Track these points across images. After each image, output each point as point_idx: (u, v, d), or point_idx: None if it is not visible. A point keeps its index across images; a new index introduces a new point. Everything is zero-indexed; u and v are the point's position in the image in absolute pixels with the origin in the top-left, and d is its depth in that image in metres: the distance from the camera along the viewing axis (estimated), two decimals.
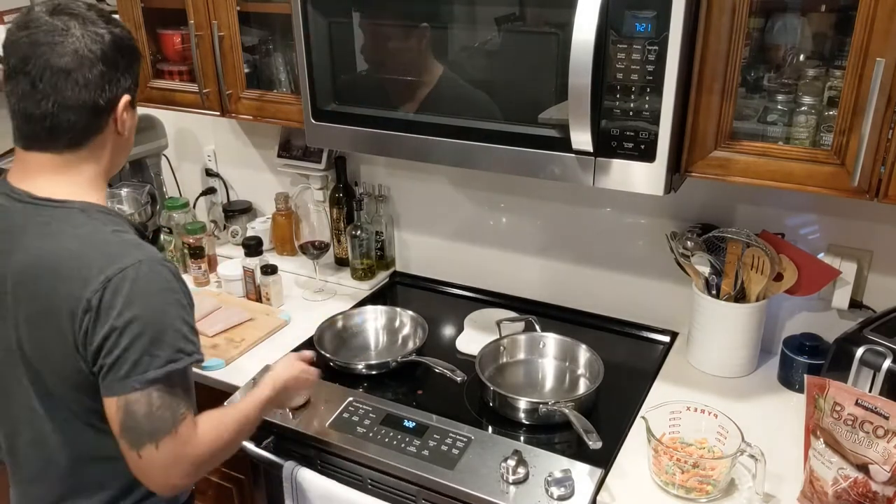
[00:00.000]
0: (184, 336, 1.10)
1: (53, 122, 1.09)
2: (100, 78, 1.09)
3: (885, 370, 1.29)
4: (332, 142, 1.62)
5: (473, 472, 1.34)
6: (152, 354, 1.06)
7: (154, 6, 1.85)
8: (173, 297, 1.10)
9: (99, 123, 1.13)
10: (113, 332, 1.05)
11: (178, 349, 1.09)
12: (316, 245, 1.97)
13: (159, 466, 1.09)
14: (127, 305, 1.05)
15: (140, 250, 1.10)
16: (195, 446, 1.11)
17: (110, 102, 1.12)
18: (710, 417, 1.34)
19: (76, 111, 1.09)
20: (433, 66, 1.43)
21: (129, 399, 1.06)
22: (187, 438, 1.10)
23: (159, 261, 1.10)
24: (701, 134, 1.29)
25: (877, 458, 1.14)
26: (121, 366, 1.06)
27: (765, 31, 1.34)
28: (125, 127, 1.16)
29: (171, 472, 1.10)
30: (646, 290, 1.80)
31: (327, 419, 1.50)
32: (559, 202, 1.83)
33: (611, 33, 1.21)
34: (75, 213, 1.11)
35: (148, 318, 1.06)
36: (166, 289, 1.09)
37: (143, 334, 1.06)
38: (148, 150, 2.25)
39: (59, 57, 1.06)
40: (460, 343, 1.77)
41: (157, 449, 1.08)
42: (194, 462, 1.11)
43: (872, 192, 1.19)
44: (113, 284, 1.05)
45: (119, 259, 1.07)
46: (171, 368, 1.07)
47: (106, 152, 1.16)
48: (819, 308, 1.62)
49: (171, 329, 1.08)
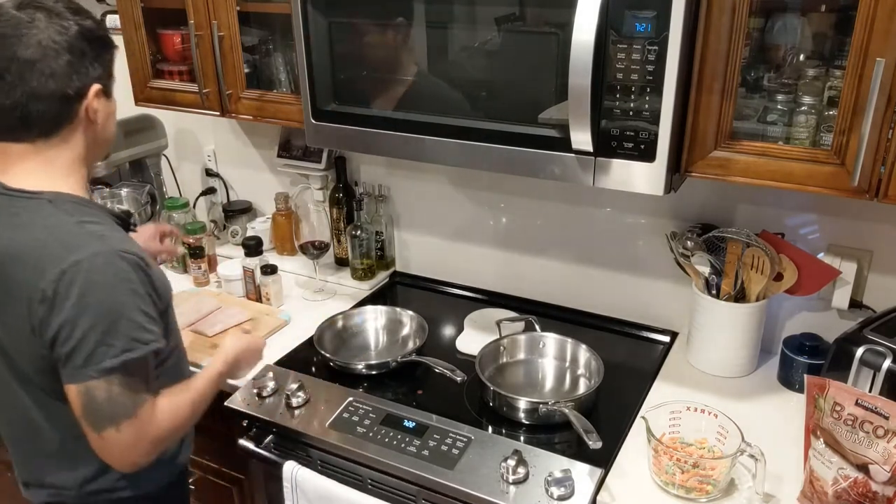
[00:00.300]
0: (139, 326, 1.13)
1: (23, 112, 1.12)
2: (67, 67, 1.12)
3: (885, 370, 1.29)
4: (331, 142, 1.62)
5: (473, 472, 1.34)
6: (107, 344, 1.10)
7: (154, 6, 1.85)
8: (128, 288, 1.13)
9: (69, 112, 1.16)
10: (67, 322, 1.09)
11: (133, 338, 1.12)
12: (316, 245, 1.97)
13: (120, 447, 1.15)
14: (81, 296, 1.08)
15: (100, 242, 1.12)
16: (155, 427, 1.17)
17: (79, 91, 1.15)
18: (710, 417, 1.34)
19: (45, 101, 1.12)
20: (433, 66, 1.43)
21: (88, 386, 1.11)
22: (147, 420, 1.15)
23: (117, 252, 1.12)
24: (701, 134, 1.29)
25: (877, 458, 1.14)
26: (77, 356, 1.10)
27: (765, 30, 1.34)
28: (97, 115, 1.19)
29: (132, 452, 1.16)
30: (646, 290, 1.80)
31: (327, 419, 1.50)
32: (559, 202, 1.83)
33: (611, 33, 1.21)
34: (44, 205, 1.15)
35: (101, 309, 1.10)
36: (121, 280, 1.12)
37: (96, 325, 1.09)
38: (148, 150, 2.25)
39: (25, 48, 1.09)
40: (460, 343, 1.77)
41: (117, 431, 1.13)
42: (153, 441, 1.17)
43: (872, 192, 1.19)
44: (68, 276, 1.08)
45: (76, 251, 1.10)
46: (127, 358, 1.11)
47: (79, 141, 1.19)
48: (819, 308, 1.62)
49: (125, 319, 1.11)
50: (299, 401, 1.53)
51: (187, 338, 1.77)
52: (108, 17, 2.12)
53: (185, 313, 1.76)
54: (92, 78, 1.16)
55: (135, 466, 1.19)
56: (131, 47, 1.89)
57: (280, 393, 1.57)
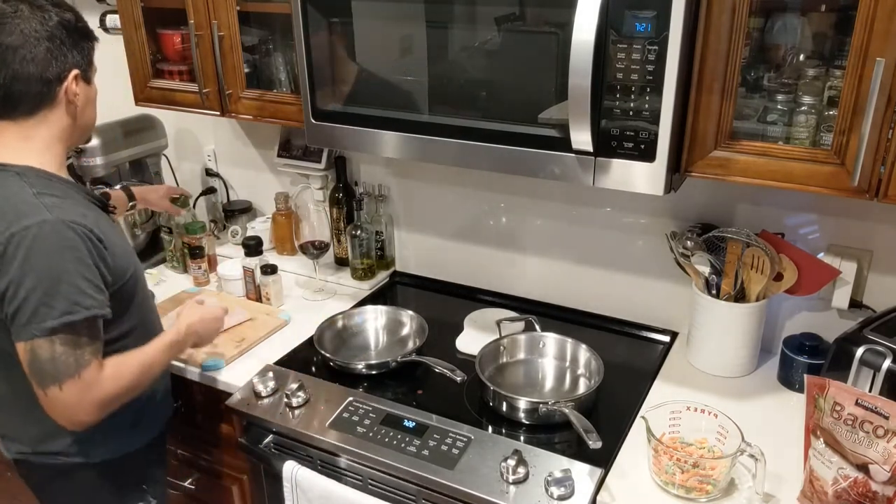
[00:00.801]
0: (81, 291, 1.22)
1: (6, 92, 1.25)
2: (46, 53, 1.25)
3: (885, 370, 1.29)
4: (332, 142, 1.62)
5: (473, 472, 1.34)
6: (49, 305, 1.19)
7: (154, 6, 1.85)
8: (73, 256, 1.22)
9: (49, 94, 1.28)
10: (12, 282, 1.19)
11: (74, 302, 1.21)
12: (316, 245, 1.97)
13: (64, 405, 1.24)
14: (26, 259, 1.19)
15: (51, 212, 1.22)
16: (99, 389, 1.25)
17: (59, 75, 1.27)
18: (710, 417, 1.34)
19: (26, 82, 1.25)
20: (433, 65, 1.43)
21: (34, 344, 1.20)
22: (91, 381, 1.24)
23: (65, 222, 1.22)
24: (701, 134, 1.29)
25: (877, 458, 1.14)
26: (21, 315, 1.20)
27: (765, 30, 1.34)
28: (77, 98, 1.31)
29: (76, 411, 1.25)
30: (646, 290, 1.80)
31: (327, 419, 1.50)
32: (559, 202, 1.83)
33: (611, 33, 1.21)
34: (10, 176, 1.26)
35: (44, 272, 1.19)
36: (66, 247, 1.21)
37: (38, 287, 1.19)
38: (148, 150, 2.25)
39: (8, 35, 1.22)
40: (460, 343, 1.77)
41: (60, 390, 1.22)
42: (98, 402, 1.26)
43: (872, 192, 1.19)
44: (16, 239, 1.19)
45: (26, 217, 1.21)
46: (68, 319, 1.20)
47: (58, 121, 1.31)
48: (819, 308, 1.62)
49: (67, 283, 1.20)
50: (299, 401, 1.53)
51: None
52: (108, 17, 2.12)
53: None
54: (71, 64, 1.29)
55: (81, 425, 1.27)
56: (131, 47, 1.90)
57: (280, 393, 1.57)
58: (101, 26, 2.14)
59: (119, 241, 1.36)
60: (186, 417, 1.79)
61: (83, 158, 2.05)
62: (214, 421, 1.75)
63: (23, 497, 1.45)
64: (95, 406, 1.26)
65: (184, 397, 1.76)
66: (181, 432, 1.82)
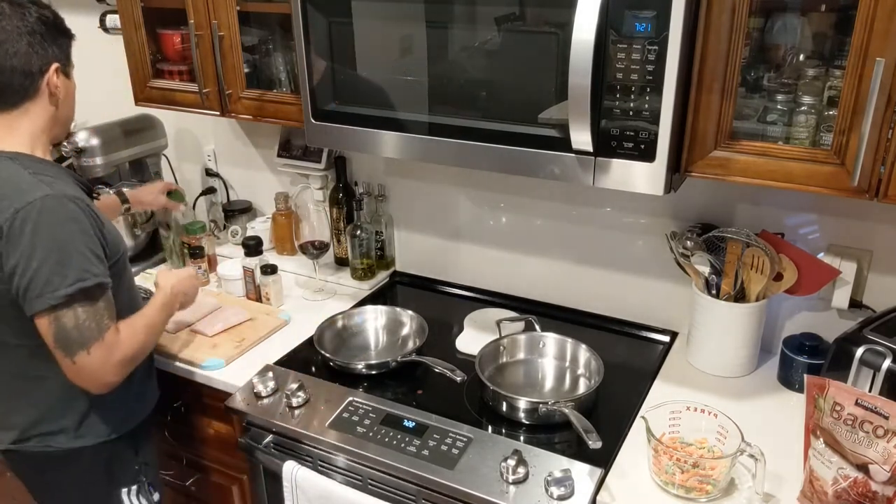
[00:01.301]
0: (89, 259, 1.29)
1: None
2: (27, 48, 1.32)
3: (884, 370, 1.29)
4: (332, 142, 1.62)
5: (473, 472, 1.34)
6: (61, 274, 1.26)
7: (154, 6, 1.85)
8: (77, 227, 1.29)
9: (33, 86, 1.35)
10: (23, 256, 1.25)
11: (84, 269, 1.28)
12: (316, 245, 1.97)
13: (93, 369, 1.32)
14: (34, 232, 1.25)
15: (50, 187, 1.28)
16: (120, 349, 1.34)
17: (40, 69, 1.34)
18: (710, 417, 1.34)
19: (10, 75, 1.32)
20: (433, 65, 1.43)
21: (57, 315, 1.27)
22: (113, 343, 1.33)
23: (68, 196, 1.29)
24: (701, 133, 1.29)
25: (877, 458, 1.14)
26: (34, 285, 1.26)
27: (765, 30, 1.34)
28: (59, 90, 1.38)
29: (104, 372, 1.33)
30: (646, 290, 1.80)
31: (327, 419, 1.50)
32: (559, 202, 1.83)
33: (611, 33, 1.21)
34: (4, 160, 1.33)
35: (53, 243, 1.26)
36: (70, 219, 1.28)
37: (49, 257, 1.25)
38: (148, 150, 2.25)
39: None
40: (460, 343, 1.77)
41: (89, 354, 1.30)
42: (121, 362, 1.35)
43: (872, 192, 1.19)
44: (21, 214, 1.25)
45: (29, 194, 1.27)
46: (81, 286, 1.27)
47: (40, 114, 1.38)
48: (819, 308, 1.62)
49: (77, 252, 1.28)
50: (299, 401, 1.53)
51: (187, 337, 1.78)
52: (108, 17, 2.12)
53: (185, 313, 1.76)
54: (51, 57, 1.36)
55: (108, 387, 1.36)
56: (131, 47, 1.90)
57: (280, 393, 1.57)
58: (101, 26, 2.14)
59: (108, 221, 1.42)
60: (187, 417, 1.79)
61: (83, 158, 2.05)
62: (214, 421, 1.75)
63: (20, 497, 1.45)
64: (120, 366, 1.35)
65: (184, 397, 1.76)
66: (181, 432, 1.82)
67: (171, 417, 1.79)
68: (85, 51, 1.61)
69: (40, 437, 1.43)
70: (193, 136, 2.38)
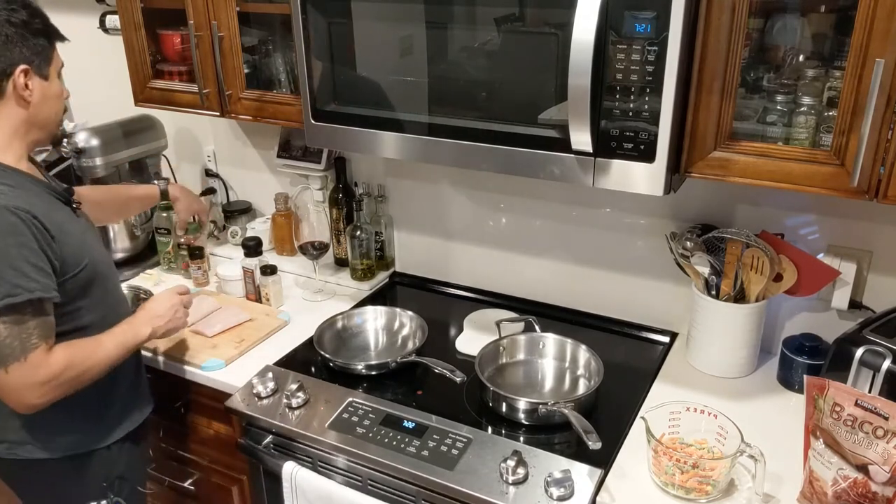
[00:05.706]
0: (24, 274, 1.24)
1: None
2: None
3: (884, 370, 1.29)
4: (331, 142, 1.62)
5: (473, 473, 1.34)
6: None
7: (154, 6, 1.85)
8: (15, 240, 1.25)
9: None
10: None
11: (15, 285, 1.23)
12: (315, 245, 1.97)
13: (11, 388, 1.27)
14: None
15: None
16: (46, 371, 1.28)
17: (4, 70, 1.30)
18: (710, 418, 1.34)
19: None
20: (433, 66, 1.43)
21: None
22: (38, 365, 1.27)
23: (8, 208, 1.25)
24: (701, 134, 1.29)
25: (876, 459, 1.14)
26: None
27: (764, 31, 1.34)
28: (30, 94, 1.33)
29: (24, 394, 1.28)
30: (646, 291, 1.80)
31: (327, 420, 1.50)
32: (559, 202, 1.83)
33: (611, 33, 1.21)
34: None
35: None
36: (8, 232, 1.25)
37: None
38: (148, 150, 2.25)
39: None
40: (460, 343, 1.77)
41: (6, 373, 1.25)
42: (45, 384, 1.28)
43: (872, 193, 1.19)
44: None
45: None
46: (9, 302, 1.23)
47: (10, 116, 1.34)
48: (819, 308, 1.62)
49: (9, 267, 1.23)
50: (299, 401, 1.53)
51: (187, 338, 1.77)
52: (108, 18, 2.12)
53: None
54: (17, 59, 1.31)
55: (31, 408, 1.30)
56: (131, 47, 1.90)
57: (280, 393, 1.57)
58: (101, 27, 2.14)
59: (76, 233, 1.38)
60: (186, 418, 1.79)
61: (83, 159, 2.05)
62: (214, 421, 1.75)
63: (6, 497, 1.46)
64: (46, 388, 1.29)
65: (184, 397, 1.76)
66: (181, 433, 1.82)
67: (171, 418, 1.79)
68: (85, 51, 1.62)
69: (9, 445, 1.42)
70: (193, 136, 2.38)
